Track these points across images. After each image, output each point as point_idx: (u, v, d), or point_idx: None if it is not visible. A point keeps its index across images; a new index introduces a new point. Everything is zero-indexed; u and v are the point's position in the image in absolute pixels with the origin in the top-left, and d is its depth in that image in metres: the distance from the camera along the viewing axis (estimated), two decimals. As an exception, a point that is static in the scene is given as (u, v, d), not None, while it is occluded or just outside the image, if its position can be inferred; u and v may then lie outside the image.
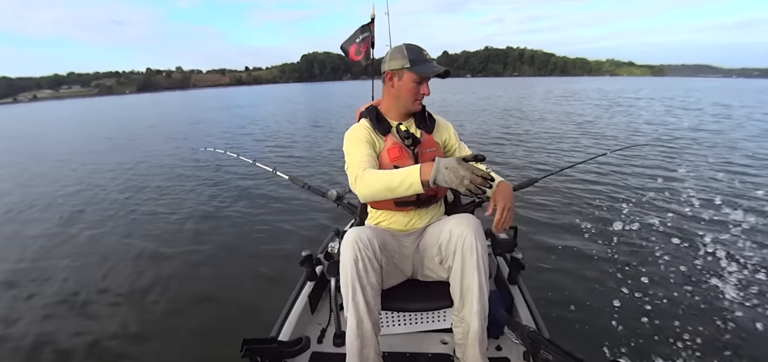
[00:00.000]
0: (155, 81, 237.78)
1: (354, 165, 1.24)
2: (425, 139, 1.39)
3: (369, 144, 1.31)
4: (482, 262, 1.18)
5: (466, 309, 1.22)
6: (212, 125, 14.98)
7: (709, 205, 4.11)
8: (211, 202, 4.98)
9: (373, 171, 1.17)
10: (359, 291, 1.14)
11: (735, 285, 2.61)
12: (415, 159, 1.34)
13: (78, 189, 5.88)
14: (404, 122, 1.40)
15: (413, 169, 1.05)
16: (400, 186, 1.07)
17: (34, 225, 4.34)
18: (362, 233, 1.16)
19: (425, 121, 1.43)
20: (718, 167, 5.82)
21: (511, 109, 16.23)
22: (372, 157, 1.27)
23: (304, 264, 1.75)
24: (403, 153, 1.33)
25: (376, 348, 1.21)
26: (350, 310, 1.16)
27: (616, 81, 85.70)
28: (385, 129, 1.36)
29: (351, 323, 1.16)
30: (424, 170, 1.03)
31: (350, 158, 1.28)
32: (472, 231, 1.17)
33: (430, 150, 1.38)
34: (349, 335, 1.17)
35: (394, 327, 1.57)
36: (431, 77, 1.33)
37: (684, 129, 9.98)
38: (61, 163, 8.22)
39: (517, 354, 1.43)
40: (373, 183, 1.14)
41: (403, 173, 1.07)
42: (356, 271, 1.13)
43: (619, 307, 2.39)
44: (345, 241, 1.17)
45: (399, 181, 1.07)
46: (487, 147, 7.89)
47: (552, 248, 3.22)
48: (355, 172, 1.21)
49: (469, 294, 1.20)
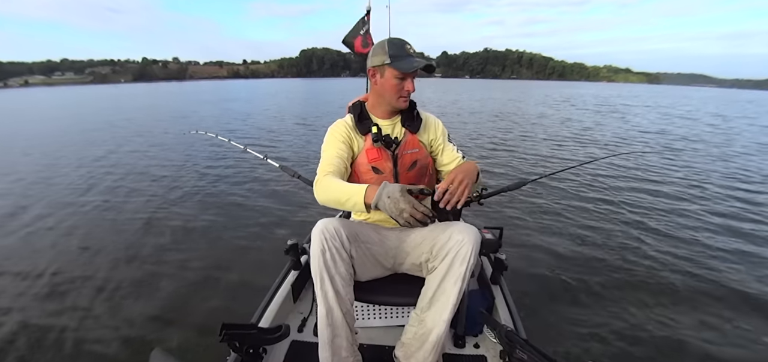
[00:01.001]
0: (151, 71, 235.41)
1: (321, 165, 1.27)
2: (408, 140, 1.36)
3: (345, 143, 1.32)
4: (467, 275, 1.17)
5: (433, 311, 1.21)
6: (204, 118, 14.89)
7: (694, 212, 4.19)
8: (199, 187, 4.99)
9: (330, 179, 1.18)
10: (328, 281, 1.14)
11: (719, 288, 2.68)
12: (394, 160, 1.33)
13: (52, 176, 5.81)
14: (390, 119, 1.38)
15: (360, 189, 1.07)
16: (348, 202, 1.10)
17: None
18: (329, 224, 1.16)
19: (412, 120, 1.39)
20: (706, 174, 5.90)
21: (504, 113, 16.29)
22: (341, 159, 1.28)
23: (288, 253, 1.76)
24: (382, 154, 1.32)
25: (349, 337, 1.21)
26: (319, 299, 1.16)
27: (613, 87, 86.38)
28: (366, 128, 1.34)
29: (321, 312, 1.17)
30: (368, 193, 1.05)
31: (322, 156, 1.30)
32: (472, 243, 1.16)
33: (412, 152, 1.35)
34: (320, 324, 1.18)
35: (374, 320, 1.59)
36: (415, 73, 1.28)
37: (673, 137, 10.09)
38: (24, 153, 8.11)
39: (495, 353, 1.44)
40: (327, 192, 1.17)
41: (351, 190, 1.09)
42: (324, 261, 1.13)
43: (597, 311, 2.43)
44: (313, 232, 1.17)
45: (347, 196, 1.10)
46: (475, 149, 7.92)
47: (536, 251, 3.25)
48: (318, 174, 1.24)
49: (443, 299, 1.18)
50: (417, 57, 1.27)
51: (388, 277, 1.42)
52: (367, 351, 1.39)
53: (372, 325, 1.59)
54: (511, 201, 4.37)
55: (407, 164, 1.35)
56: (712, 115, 17.38)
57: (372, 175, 1.32)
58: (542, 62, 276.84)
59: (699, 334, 2.24)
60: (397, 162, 1.33)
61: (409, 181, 1.34)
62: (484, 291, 1.74)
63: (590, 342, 2.14)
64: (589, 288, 2.69)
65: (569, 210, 4.19)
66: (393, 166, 1.33)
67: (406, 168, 1.35)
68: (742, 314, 2.41)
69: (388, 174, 1.33)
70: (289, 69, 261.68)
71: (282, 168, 2.21)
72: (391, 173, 1.33)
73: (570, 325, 2.29)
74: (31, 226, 3.81)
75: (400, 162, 1.33)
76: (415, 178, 1.36)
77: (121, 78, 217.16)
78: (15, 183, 5.42)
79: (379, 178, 1.32)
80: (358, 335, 1.42)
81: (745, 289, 2.67)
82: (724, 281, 2.78)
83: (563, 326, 2.28)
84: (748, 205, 4.50)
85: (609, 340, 2.17)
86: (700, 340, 2.18)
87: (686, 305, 2.52)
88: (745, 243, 3.44)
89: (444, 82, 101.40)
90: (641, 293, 2.64)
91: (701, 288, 2.71)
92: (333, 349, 1.19)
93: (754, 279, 2.80)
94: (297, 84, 71.17)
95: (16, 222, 3.91)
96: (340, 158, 1.27)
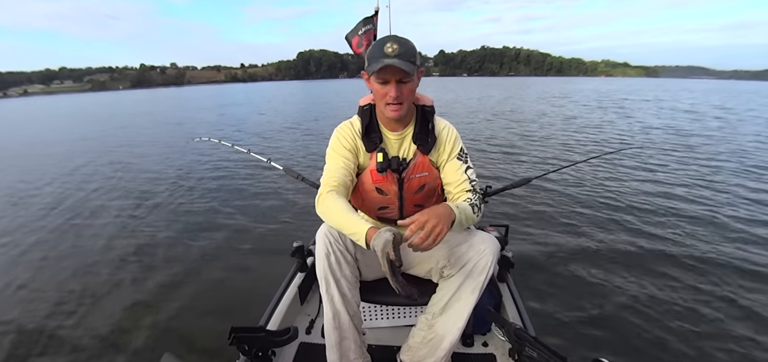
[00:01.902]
0: (149, 77, 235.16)
1: (325, 176, 1.20)
2: (418, 163, 1.23)
3: (351, 151, 1.23)
4: (485, 285, 1.16)
5: (445, 318, 1.19)
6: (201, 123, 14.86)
7: (699, 206, 4.19)
8: (205, 192, 5.01)
9: (334, 200, 1.11)
10: (333, 284, 1.13)
11: (724, 285, 2.65)
12: (399, 184, 1.24)
13: (63, 182, 5.82)
14: (399, 133, 1.24)
15: (362, 229, 1.01)
16: (348, 232, 1.06)
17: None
18: (331, 229, 1.15)
19: (426, 135, 1.22)
20: (711, 169, 5.89)
21: (505, 111, 16.27)
22: (347, 170, 1.20)
23: (294, 255, 1.77)
24: (388, 176, 1.23)
25: (356, 339, 1.20)
26: (325, 303, 1.16)
27: (611, 82, 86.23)
28: (372, 145, 1.23)
29: (327, 315, 1.16)
30: (369, 234, 0.99)
31: (326, 164, 1.24)
32: (492, 253, 1.14)
33: (420, 176, 1.24)
34: (327, 327, 1.17)
35: (381, 321, 1.59)
36: (399, 78, 1.09)
37: (680, 132, 10.08)
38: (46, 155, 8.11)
39: (504, 350, 1.44)
40: (329, 213, 1.11)
41: (355, 226, 1.03)
42: (328, 265, 1.12)
43: (605, 307, 2.42)
44: (317, 236, 1.16)
45: (350, 230, 1.05)
46: (478, 148, 7.90)
47: (542, 248, 3.25)
48: (322, 187, 1.17)
49: (458, 306, 1.17)
50: (393, 57, 1.06)
51: None
52: (375, 352, 1.39)
53: (379, 326, 1.59)
54: (516, 199, 4.36)
55: (414, 188, 1.26)
56: (716, 108, 17.26)
57: (376, 195, 1.28)
58: (540, 58, 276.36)
59: (709, 328, 2.22)
60: (403, 185, 1.25)
61: (415, 202, 1.29)
62: (491, 289, 1.74)
63: (600, 339, 2.14)
64: (597, 283, 2.68)
65: (575, 207, 4.19)
66: (398, 189, 1.26)
67: (412, 192, 1.27)
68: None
69: (393, 196, 1.27)
70: (287, 71, 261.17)
71: (286, 170, 2.21)
72: (396, 196, 1.27)
73: (579, 322, 2.28)
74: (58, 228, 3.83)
75: (406, 185, 1.25)
76: (422, 200, 1.30)
77: (119, 85, 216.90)
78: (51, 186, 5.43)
79: (384, 199, 1.28)
80: (366, 336, 1.42)
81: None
82: (748, 274, 2.74)
83: (572, 322, 2.28)
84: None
85: (619, 336, 2.16)
86: (712, 336, 2.15)
87: (696, 300, 2.50)
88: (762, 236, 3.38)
89: (442, 81, 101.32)
90: (651, 288, 2.62)
91: (713, 282, 2.68)
92: (341, 352, 1.18)
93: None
94: (295, 86, 71.07)
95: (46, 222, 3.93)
96: (345, 169, 1.20)
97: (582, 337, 2.15)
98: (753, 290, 2.58)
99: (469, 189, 1.21)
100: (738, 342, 2.11)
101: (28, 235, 3.79)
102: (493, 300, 1.64)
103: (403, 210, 1.30)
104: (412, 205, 1.30)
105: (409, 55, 1.08)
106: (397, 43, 1.08)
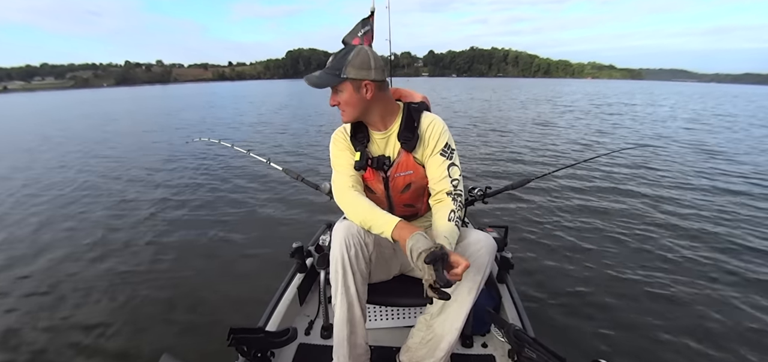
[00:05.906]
0: (134, 74, 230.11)
1: (339, 175, 1.22)
2: (401, 161, 1.24)
3: (350, 152, 1.26)
4: (482, 284, 1.16)
5: (443, 318, 1.19)
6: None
7: (703, 209, 4.21)
8: (203, 193, 4.96)
9: (358, 197, 1.14)
10: (350, 276, 1.14)
11: (724, 287, 2.68)
12: (385, 183, 1.27)
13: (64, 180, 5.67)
14: (384, 132, 1.25)
15: (391, 221, 1.03)
16: (373, 228, 1.09)
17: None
18: (352, 224, 1.15)
19: (411, 132, 1.22)
20: (708, 170, 5.98)
21: (498, 114, 16.42)
22: (356, 171, 1.23)
23: (294, 256, 1.76)
24: (373, 175, 1.26)
25: (364, 336, 1.21)
26: (340, 295, 1.15)
27: (597, 84, 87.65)
28: (359, 144, 1.25)
29: (341, 308, 1.15)
30: (401, 233, 1.00)
31: (335, 164, 1.26)
32: (489, 253, 1.15)
33: (404, 174, 1.25)
34: (339, 321, 1.17)
35: (381, 321, 1.59)
36: (334, 87, 1.15)
37: (673, 133, 10.22)
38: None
39: (503, 351, 1.45)
40: (354, 210, 1.13)
41: (383, 218, 1.06)
42: (348, 257, 1.12)
43: (605, 308, 2.45)
44: (336, 229, 1.16)
45: (379, 222, 1.06)
46: (473, 149, 7.94)
47: (541, 249, 3.28)
48: (339, 184, 1.20)
49: (455, 306, 1.17)
50: (321, 70, 1.16)
51: (395, 278, 1.42)
52: (374, 352, 1.39)
53: (379, 326, 1.60)
54: (515, 200, 4.39)
55: (399, 187, 1.27)
56: (717, 116, 17.61)
57: (367, 194, 1.28)
58: (528, 60, 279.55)
59: (709, 329, 2.25)
60: (389, 184, 1.26)
61: (404, 201, 1.31)
62: (490, 290, 1.75)
63: (599, 340, 2.16)
64: (597, 285, 2.71)
65: (574, 208, 4.23)
66: (384, 188, 1.28)
67: (398, 191, 1.28)
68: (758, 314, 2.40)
69: (381, 195, 1.29)
70: (276, 70, 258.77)
71: (285, 171, 2.20)
72: (384, 195, 1.29)
73: (578, 323, 2.30)
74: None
75: (392, 184, 1.26)
76: (411, 199, 1.31)
77: (103, 82, 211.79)
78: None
79: (373, 198, 1.28)
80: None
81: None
82: (741, 276, 2.79)
83: (571, 324, 2.30)
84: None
85: (619, 338, 2.18)
86: (712, 338, 2.18)
87: (697, 301, 2.53)
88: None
89: (431, 81, 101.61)
90: (651, 290, 2.65)
91: (711, 283, 2.72)
92: (350, 346, 1.18)
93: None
94: (284, 86, 70.46)
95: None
96: (352, 167, 1.23)
97: (582, 338, 2.17)
98: (753, 292, 2.62)
99: (449, 191, 1.19)
100: (738, 342, 2.15)
101: (22, 241, 3.69)
102: (493, 301, 1.65)
103: (392, 210, 1.32)
104: (402, 205, 1.32)
105: (333, 69, 1.13)
106: (334, 56, 1.14)
